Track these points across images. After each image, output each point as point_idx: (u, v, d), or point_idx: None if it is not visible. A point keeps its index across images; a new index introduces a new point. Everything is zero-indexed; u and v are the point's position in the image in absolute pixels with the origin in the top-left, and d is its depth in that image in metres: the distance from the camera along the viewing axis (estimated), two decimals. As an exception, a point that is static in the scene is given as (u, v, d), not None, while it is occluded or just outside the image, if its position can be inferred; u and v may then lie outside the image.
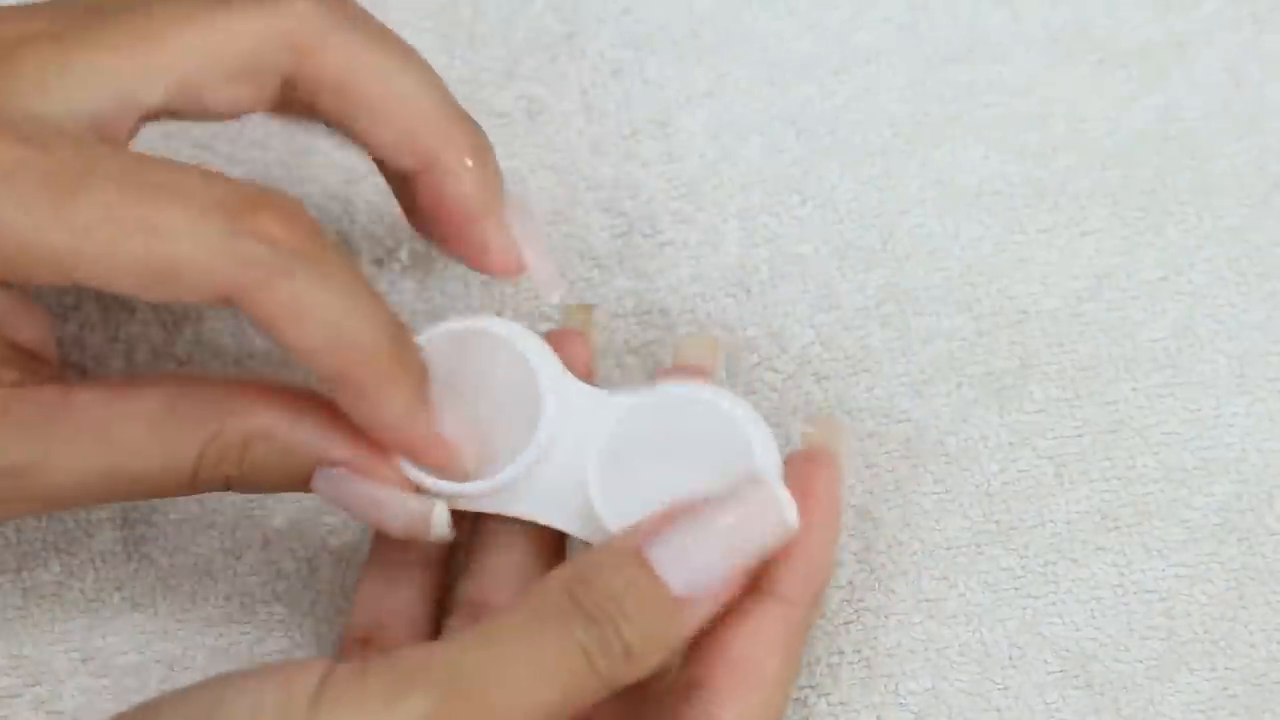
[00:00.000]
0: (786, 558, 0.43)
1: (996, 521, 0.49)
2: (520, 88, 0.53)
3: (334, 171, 0.52)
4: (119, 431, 0.42)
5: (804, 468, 0.44)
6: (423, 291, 0.51)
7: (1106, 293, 0.51)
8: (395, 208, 0.47)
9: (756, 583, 0.43)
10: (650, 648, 0.40)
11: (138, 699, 0.44)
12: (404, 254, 0.52)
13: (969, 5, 0.54)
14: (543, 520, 0.44)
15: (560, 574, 0.41)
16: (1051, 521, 0.49)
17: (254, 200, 0.40)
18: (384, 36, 0.44)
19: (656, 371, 0.49)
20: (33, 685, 0.48)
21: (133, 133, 0.43)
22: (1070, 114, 0.53)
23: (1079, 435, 0.50)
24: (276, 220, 0.40)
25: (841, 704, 0.48)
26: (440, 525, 0.43)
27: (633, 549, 0.41)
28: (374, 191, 0.52)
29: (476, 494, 0.43)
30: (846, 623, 0.48)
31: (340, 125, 0.44)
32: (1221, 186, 0.52)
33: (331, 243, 0.41)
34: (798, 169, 0.52)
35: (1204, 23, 0.53)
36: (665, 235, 0.52)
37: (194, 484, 0.43)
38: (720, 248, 0.52)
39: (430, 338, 0.44)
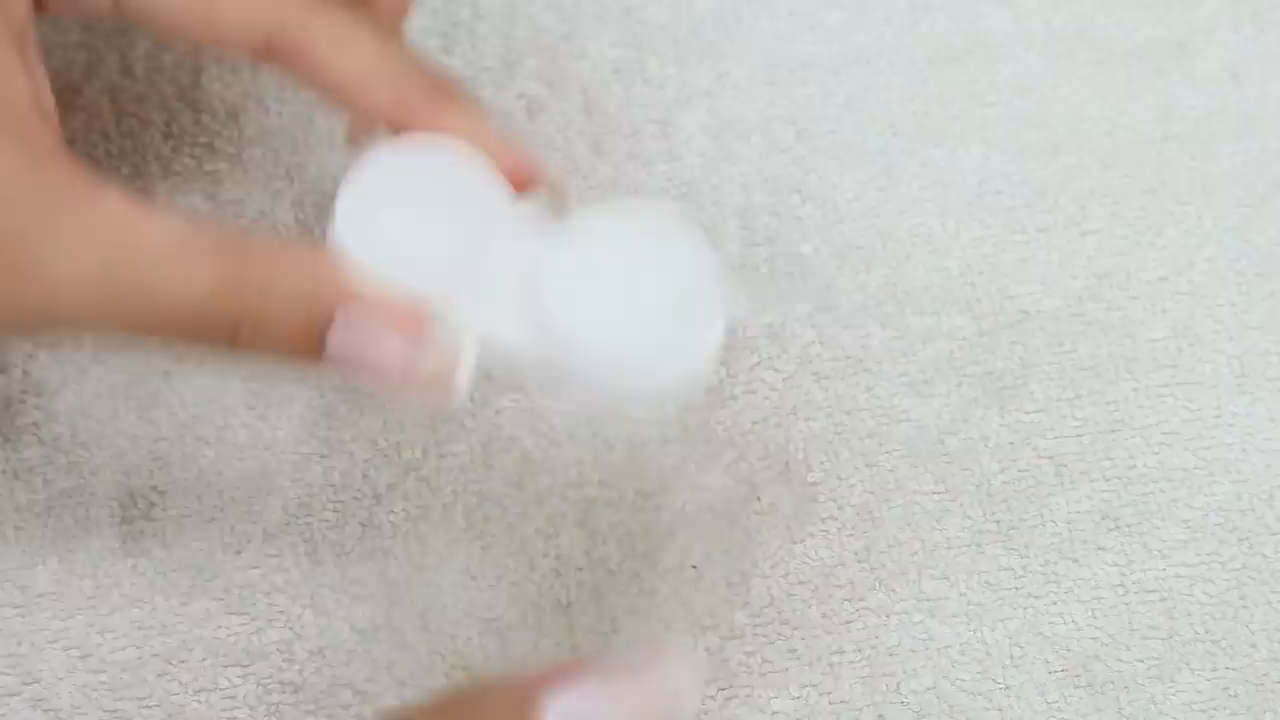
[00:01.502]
0: None
1: (997, 521, 0.49)
2: (520, 87, 0.53)
3: (335, 159, 0.52)
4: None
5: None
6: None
7: (1106, 293, 0.51)
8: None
9: None
10: None
11: (133, 694, 0.44)
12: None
13: (969, 5, 0.54)
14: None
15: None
16: (1052, 521, 0.49)
17: None
18: None
19: None
20: (30, 683, 0.47)
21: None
22: (1070, 114, 0.53)
23: (1079, 435, 0.50)
24: None
25: (843, 703, 0.47)
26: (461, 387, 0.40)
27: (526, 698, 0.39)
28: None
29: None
30: (848, 622, 0.48)
31: None
32: (1221, 186, 0.52)
33: None
34: (798, 169, 0.52)
35: (1204, 23, 0.53)
36: (665, 235, 0.52)
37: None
38: (720, 248, 0.52)
39: (375, 155, 0.41)
